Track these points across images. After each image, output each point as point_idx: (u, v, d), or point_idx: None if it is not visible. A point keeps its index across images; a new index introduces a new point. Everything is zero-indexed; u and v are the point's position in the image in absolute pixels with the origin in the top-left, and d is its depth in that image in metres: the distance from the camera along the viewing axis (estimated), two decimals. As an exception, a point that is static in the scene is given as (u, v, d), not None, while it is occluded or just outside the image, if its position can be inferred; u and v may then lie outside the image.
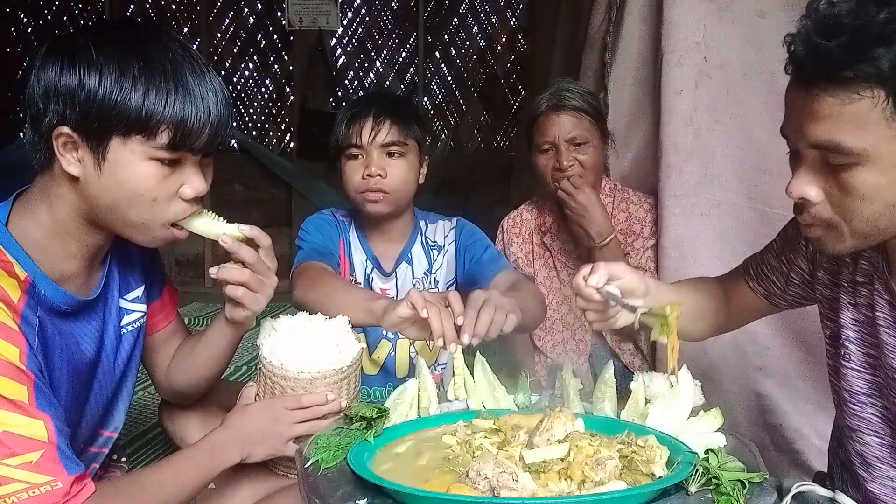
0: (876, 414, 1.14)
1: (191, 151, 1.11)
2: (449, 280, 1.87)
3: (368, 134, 1.69)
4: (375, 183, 1.69)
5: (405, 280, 1.84)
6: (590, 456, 0.96)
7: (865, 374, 1.15)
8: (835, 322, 1.19)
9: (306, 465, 1.05)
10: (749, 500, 0.91)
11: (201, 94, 1.08)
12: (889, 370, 1.09)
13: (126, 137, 1.06)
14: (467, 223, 1.90)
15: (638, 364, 2.06)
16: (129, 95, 1.03)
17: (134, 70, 1.04)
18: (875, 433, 1.15)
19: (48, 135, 1.07)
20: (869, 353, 1.14)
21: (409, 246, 1.85)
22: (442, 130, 5.35)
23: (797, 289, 1.29)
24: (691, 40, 1.95)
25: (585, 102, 1.95)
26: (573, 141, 1.92)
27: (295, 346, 1.34)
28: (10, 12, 5.08)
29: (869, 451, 1.16)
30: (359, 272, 1.84)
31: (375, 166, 1.69)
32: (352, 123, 1.72)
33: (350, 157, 1.73)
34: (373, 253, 1.85)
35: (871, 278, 1.11)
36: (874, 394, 1.14)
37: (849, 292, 1.16)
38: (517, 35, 5.27)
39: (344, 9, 5.11)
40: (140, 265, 1.36)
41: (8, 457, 0.99)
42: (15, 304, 1.05)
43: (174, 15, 5.16)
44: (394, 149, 1.71)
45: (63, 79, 1.04)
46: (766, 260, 1.33)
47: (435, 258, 1.86)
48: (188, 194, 1.13)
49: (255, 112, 5.30)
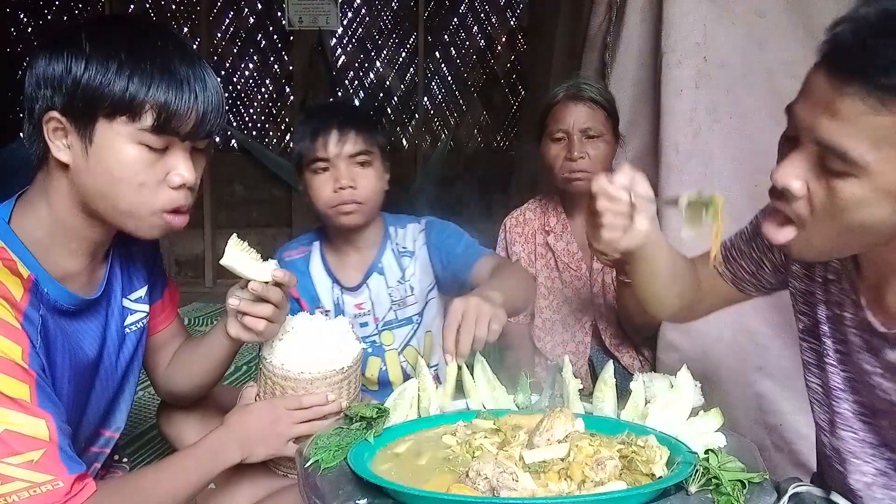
0: (849, 409, 1.14)
1: (177, 136, 1.10)
2: (427, 285, 1.83)
3: (335, 145, 1.66)
4: (348, 195, 1.66)
5: (379, 290, 1.81)
6: (590, 456, 0.96)
7: (840, 369, 1.14)
8: (811, 317, 1.18)
9: (306, 465, 1.05)
10: (749, 500, 0.91)
11: (188, 80, 1.08)
12: (858, 369, 1.10)
13: (111, 119, 1.06)
14: (437, 221, 1.85)
15: (637, 366, 2.06)
16: (114, 77, 1.04)
17: (121, 55, 1.05)
18: (849, 428, 1.14)
19: (39, 123, 1.08)
20: (839, 350, 1.14)
21: (380, 255, 1.82)
22: (442, 130, 5.35)
23: (769, 276, 1.28)
24: (691, 40, 1.95)
25: (603, 98, 1.95)
26: (587, 132, 1.91)
27: (295, 346, 1.35)
28: (10, 12, 5.08)
29: (844, 447, 1.15)
30: (326, 300, 1.81)
31: (346, 178, 1.66)
32: (316, 136, 1.67)
33: (317, 171, 1.69)
34: (335, 275, 1.82)
35: (839, 277, 1.11)
36: (847, 389, 1.14)
37: (822, 288, 1.15)
38: (517, 35, 5.27)
39: (344, 9, 5.11)
40: (143, 265, 1.36)
41: (9, 455, 0.99)
42: (18, 302, 1.05)
43: (174, 15, 5.16)
44: (361, 158, 1.68)
45: (52, 66, 1.06)
46: (736, 245, 1.32)
47: (407, 265, 1.82)
48: (175, 182, 1.12)
49: (255, 112, 5.29)
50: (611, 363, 1.29)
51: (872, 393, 1.09)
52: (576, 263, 2.07)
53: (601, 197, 1.12)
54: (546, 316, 2.11)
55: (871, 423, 1.12)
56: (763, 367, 1.94)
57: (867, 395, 1.11)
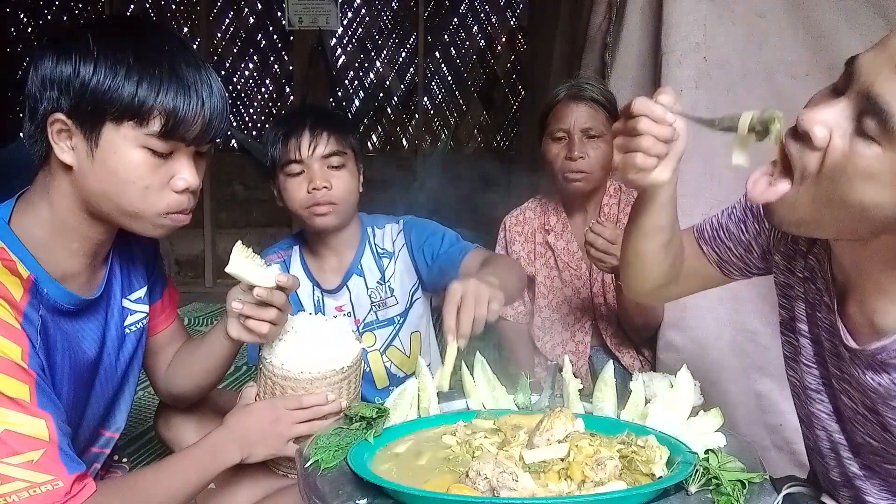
0: (823, 410, 1.12)
1: (183, 142, 1.11)
2: (410, 286, 1.83)
3: (308, 147, 1.66)
4: (322, 196, 1.66)
5: (358, 292, 1.81)
6: (590, 456, 0.96)
7: (814, 369, 1.13)
8: (790, 311, 1.16)
9: (306, 465, 1.05)
10: (749, 500, 0.91)
11: (195, 85, 1.09)
12: (829, 371, 1.09)
13: (118, 123, 1.06)
14: (416, 220, 1.85)
15: (638, 366, 2.06)
16: (123, 82, 1.04)
17: (129, 59, 1.05)
18: (823, 429, 1.13)
19: (43, 124, 1.08)
20: (815, 350, 1.12)
21: (359, 257, 1.81)
22: (442, 130, 5.35)
23: (757, 261, 1.23)
24: (691, 40, 1.95)
25: (604, 98, 1.94)
26: (587, 132, 1.91)
27: (295, 346, 1.35)
28: (10, 12, 5.09)
29: (820, 445, 1.14)
30: (308, 303, 1.82)
31: (319, 179, 1.65)
32: (288, 139, 1.67)
33: (290, 174, 1.68)
34: (314, 278, 1.82)
35: (814, 276, 1.09)
36: (822, 389, 1.12)
37: (801, 284, 1.12)
38: (517, 35, 5.27)
39: (344, 9, 5.12)
40: (143, 265, 1.36)
41: (9, 455, 0.99)
42: (17, 302, 1.05)
43: (174, 15, 5.16)
44: (334, 159, 1.68)
45: (59, 68, 1.06)
46: (724, 225, 1.26)
47: (387, 266, 1.82)
48: (179, 186, 1.13)
49: (255, 112, 5.30)
50: (611, 363, 1.29)
51: (839, 398, 1.08)
52: (576, 263, 2.07)
53: (643, 119, 1.01)
54: (546, 315, 2.11)
55: (842, 425, 1.11)
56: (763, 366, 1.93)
57: (836, 398, 1.09)
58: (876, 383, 0.96)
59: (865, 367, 0.98)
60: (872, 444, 1.04)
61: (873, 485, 1.08)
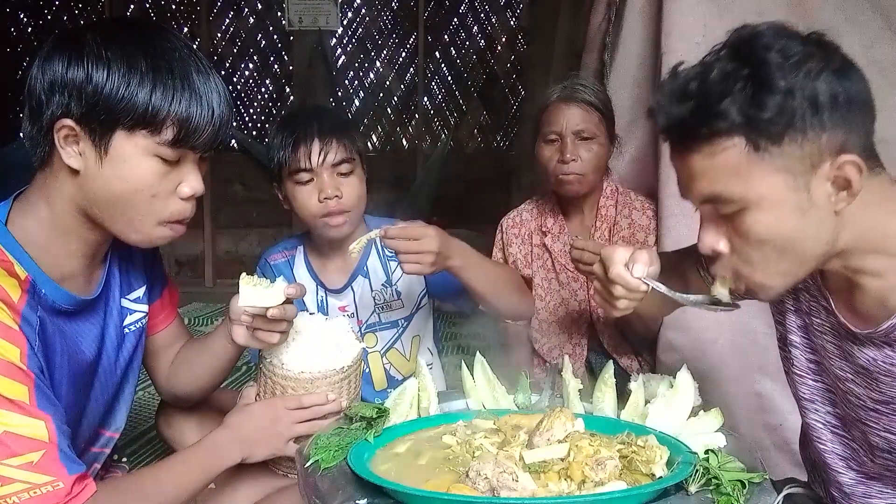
0: (819, 420, 1.16)
1: (192, 149, 1.11)
2: (419, 291, 1.83)
3: (318, 155, 1.63)
4: (335, 205, 1.65)
5: (363, 293, 1.81)
6: (590, 456, 0.96)
7: (808, 379, 1.16)
8: (783, 326, 1.20)
9: (306, 465, 1.05)
10: (749, 500, 0.91)
11: (206, 93, 1.09)
12: (833, 376, 1.10)
13: (131, 132, 1.06)
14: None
15: (636, 367, 2.05)
16: (137, 90, 1.04)
17: (142, 66, 1.04)
18: (818, 439, 1.16)
19: (49, 127, 1.07)
20: (811, 359, 1.15)
21: (365, 258, 1.81)
22: (442, 130, 5.34)
23: None
24: (691, 40, 1.94)
25: (598, 99, 1.93)
26: (580, 134, 1.90)
27: (296, 346, 1.35)
28: (10, 12, 5.08)
29: (819, 456, 1.17)
30: (311, 303, 1.81)
31: (330, 188, 1.64)
32: (297, 146, 1.64)
33: (300, 182, 1.66)
34: (318, 277, 1.82)
35: (807, 285, 1.13)
36: (817, 399, 1.16)
37: (793, 297, 1.17)
38: (517, 35, 5.26)
39: (344, 9, 5.11)
40: (142, 265, 1.36)
41: (9, 457, 0.99)
42: (15, 303, 1.05)
43: (174, 15, 5.15)
44: (344, 167, 1.66)
45: (70, 72, 1.04)
46: None
47: (393, 269, 1.81)
48: (186, 193, 1.13)
49: (255, 112, 5.29)
50: (611, 363, 1.29)
51: (846, 401, 1.09)
52: (572, 265, 2.06)
53: (618, 286, 1.13)
54: (543, 317, 2.10)
55: (841, 434, 1.13)
56: (763, 367, 1.93)
57: (841, 404, 1.11)
58: (890, 363, 0.99)
59: (880, 347, 1.00)
60: (891, 438, 1.04)
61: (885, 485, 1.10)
